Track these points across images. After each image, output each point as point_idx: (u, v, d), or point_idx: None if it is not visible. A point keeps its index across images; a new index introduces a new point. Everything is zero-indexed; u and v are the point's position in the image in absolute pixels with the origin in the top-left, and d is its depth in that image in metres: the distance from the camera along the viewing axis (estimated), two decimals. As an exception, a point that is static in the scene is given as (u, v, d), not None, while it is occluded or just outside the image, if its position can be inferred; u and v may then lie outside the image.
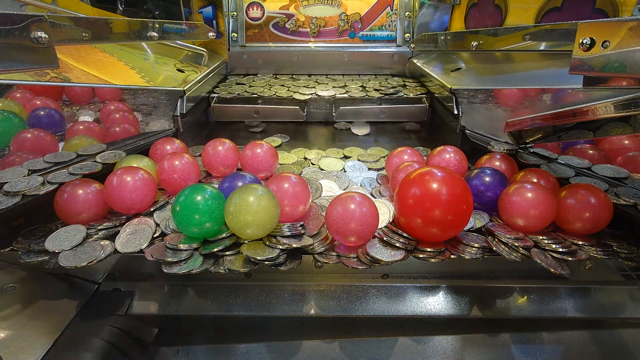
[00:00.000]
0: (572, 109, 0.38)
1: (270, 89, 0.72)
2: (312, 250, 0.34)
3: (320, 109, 0.71)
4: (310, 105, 0.70)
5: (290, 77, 0.82)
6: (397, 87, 0.74)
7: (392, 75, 0.85)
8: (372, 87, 0.74)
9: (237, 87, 0.73)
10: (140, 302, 0.38)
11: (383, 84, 0.76)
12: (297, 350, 0.37)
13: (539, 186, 0.36)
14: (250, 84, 0.76)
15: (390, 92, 0.71)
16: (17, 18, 0.32)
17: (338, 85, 0.75)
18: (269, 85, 0.75)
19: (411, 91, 0.72)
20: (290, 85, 0.75)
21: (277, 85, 0.74)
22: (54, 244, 0.34)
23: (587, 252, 0.35)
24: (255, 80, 0.79)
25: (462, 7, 0.73)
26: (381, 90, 0.72)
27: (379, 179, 0.48)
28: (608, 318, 0.39)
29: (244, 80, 0.79)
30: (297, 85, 0.75)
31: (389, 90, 0.72)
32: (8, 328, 0.33)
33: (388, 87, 0.74)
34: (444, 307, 0.38)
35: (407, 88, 0.74)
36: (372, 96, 0.70)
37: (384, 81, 0.78)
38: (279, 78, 0.81)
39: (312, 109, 0.71)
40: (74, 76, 0.49)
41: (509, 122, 0.48)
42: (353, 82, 0.78)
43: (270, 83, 0.76)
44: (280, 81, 0.78)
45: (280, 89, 0.72)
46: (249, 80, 0.78)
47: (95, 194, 0.37)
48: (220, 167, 0.46)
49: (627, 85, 0.29)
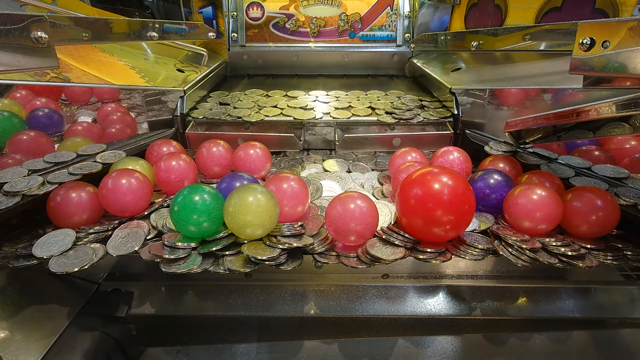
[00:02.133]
0: (572, 109, 0.38)
1: (260, 112, 0.60)
2: (312, 250, 0.34)
3: (320, 134, 0.59)
4: (308, 130, 0.59)
5: (284, 95, 0.68)
6: (414, 108, 0.61)
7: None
8: (382, 106, 0.62)
9: (220, 109, 0.61)
10: (140, 302, 0.38)
11: (396, 104, 0.63)
12: (297, 350, 0.37)
13: (545, 188, 0.36)
14: (236, 105, 0.63)
15: (407, 117, 0.58)
16: (17, 18, 0.32)
17: (342, 106, 0.62)
18: (257, 106, 0.62)
19: (431, 113, 0.60)
20: (284, 106, 0.62)
21: (268, 107, 0.62)
22: (42, 250, 0.33)
23: (595, 256, 0.34)
24: (243, 99, 0.66)
25: (462, 7, 0.73)
26: (395, 113, 0.59)
27: (380, 179, 0.48)
28: (608, 318, 0.39)
29: (228, 98, 0.66)
30: (292, 105, 0.62)
31: (404, 113, 0.59)
32: (8, 328, 0.33)
33: (403, 109, 0.61)
34: (444, 307, 0.38)
35: (426, 110, 0.61)
36: (384, 121, 0.58)
37: (396, 100, 0.65)
38: (271, 96, 0.68)
39: (310, 135, 0.59)
40: (73, 76, 0.49)
41: (509, 122, 0.48)
42: (359, 100, 0.65)
43: (260, 103, 0.63)
44: (272, 100, 0.65)
45: (272, 110, 0.60)
46: (234, 100, 0.65)
47: (88, 197, 0.37)
48: (214, 168, 0.46)
49: (627, 85, 0.29)
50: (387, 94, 0.69)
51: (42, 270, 0.32)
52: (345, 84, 0.78)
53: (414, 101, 0.65)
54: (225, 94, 0.69)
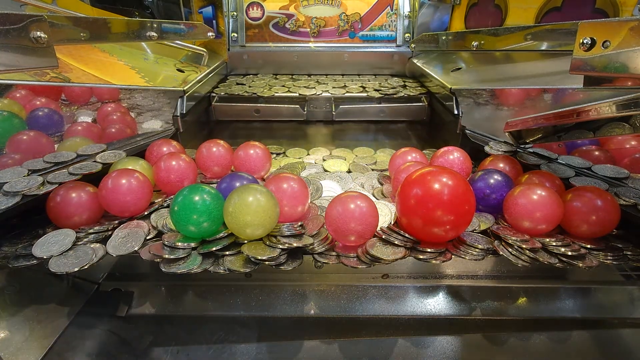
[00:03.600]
0: (572, 109, 0.38)
1: (270, 89, 0.73)
2: (312, 250, 0.34)
3: (321, 107, 0.72)
4: (311, 104, 0.72)
5: (290, 77, 0.83)
6: (397, 87, 0.75)
7: (392, 75, 0.85)
8: (372, 87, 0.75)
9: (237, 87, 0.75)
10: (140, 302, 0.38)
11: (383, 84, 0.78)
12: (297, 350, 0.37)
13: (546, 188, 0.36)
14: (250, 84, 0.77)
15: (390, 93, 0.72)
16: (17, 18, 0.32)
17: (338, 86, 0.75)
18: (268, 85, 0.76)
19: (411, 91, 0.73)
20: (290, 85, 0.76)
21: (277, 86, 0.75)
22: (42, 250, 0.33)
23: (595, 256, 0.34)
24: (255, 80, 0.80)
25: (462, 7, 0.73)
26: (381, 90, 0.73)
27: (380, 179, 0.48)
28: (608, 318, 0.39)
29: (243, 80, 0.80)
30: (297, 85, 0.76)
31: (389, 90, 0.73)
32: (8, 328, 0.33)
33: (388, 87, 0.75)
34: (444, 307, 0.38)
35: (407, 88, 0.75)
36: (372, 96, 0.71)
37: (384, 81, 0.79)
38: (279, 78, 0.81)
39: (312, 107, 0.72)
40: (73, 76, 0.49)
41: (509, 122, 0.48)
42: (353, 82, 0.79)
43: (270, 83, 0.77)
44: (280, 81, 0.79)
45: (280, 89, 0.73)
46: (249, 81, 0.79)
47: (88, 197, 0.37)
48: (214, 168, 0.46)
49: (628, 85, 0.29)
50: (376, 77, 0.84)
51: (42, 270, 0.32)
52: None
53: (398, 82, 0.79)
54: (241, 77, 0.83)
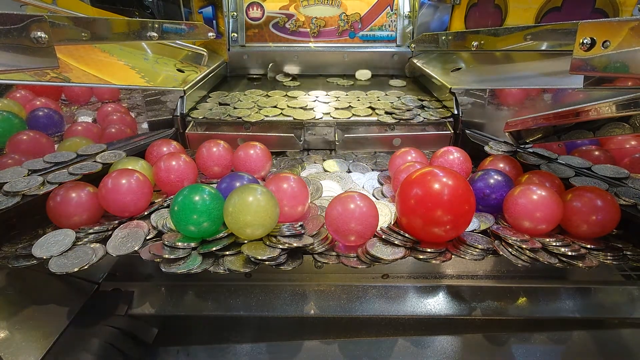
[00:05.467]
0: (572, 109, 0.38)
1: (259, 112, 0.59)
2: (312, 250, 0.34)
3: (320, 134, 0.59)
4: (308, 130, 0.58)
5: (284, 95, 0.68)
6: (414, 108, 0.61)
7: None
8: (382, 107, 0.61)
9: (220, 109, 0.61)
10: (140, 302, 0.38)
11: (396, 104, 0.62)
12: (297, 350, 0.37)
13: (545, 188, 0.36)
14: (236, 105, 0.63)
15: (407, 118, 0.58)
16: (17, 18, 0.32)
17: (342, 106, 0.62)
18: (257, 107, 0.62)
19: (431, 113, 0.59)
20: (284, 106, 0.62)
21: (267, 107, 0.61)
22: (42, 250, 0.33)
23: (595, 256, 0.34)
24: (242, 99, 0.66)
25: (462, 7, 0.73)
26: (395, 113, 0.59)
27: (380, 179, 0.48)
28: (608, 318, 0.39)
29: (228, 99, 0.66)
30: (292, 106, 0.62)
31: (404, 113, 0.59)
32: (8, 328, 0.33)
33: (403, 109, 0.61)
34: (444, 307, 0.38)
35: (426, 110, 0.61)
36: (383, 121, 0.58)
37: (397, 100, 0.65)
38: (271, 97, 0.67)
39: (310, 135, 0.59)
40: (73, 76, 0.49)
41: (508, 122, 0.48)
42: (359, 100, 0.65)
43: (260, 103, 0.63)
44: (272, 100, 0.65)
45: (272, 111, 0.60)
46: (234, 100, 0.65)
47: (88, 197, 0.37)
48: (214, 168, 0.46)
49: (628, 85, 0.29)
50: (387, 94, 0.69)
51: (42, 270, 0.32)
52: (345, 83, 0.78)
53: (413, 101, 0.64)
54: (225, 94, 0.69)
